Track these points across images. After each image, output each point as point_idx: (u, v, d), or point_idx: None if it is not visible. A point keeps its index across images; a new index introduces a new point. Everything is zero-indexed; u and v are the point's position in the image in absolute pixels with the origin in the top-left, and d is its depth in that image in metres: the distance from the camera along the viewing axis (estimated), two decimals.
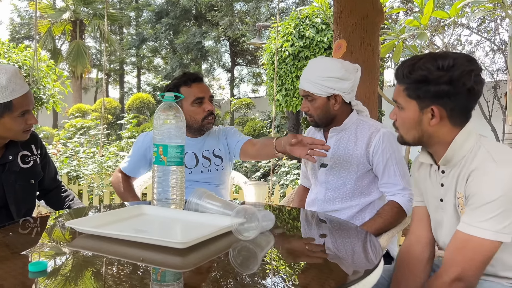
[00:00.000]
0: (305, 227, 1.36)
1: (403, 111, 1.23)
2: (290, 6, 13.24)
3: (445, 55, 1.15)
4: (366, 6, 2.67)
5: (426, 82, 1.16)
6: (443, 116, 1.18)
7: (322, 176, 1.74)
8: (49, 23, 14.03)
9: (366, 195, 1.71)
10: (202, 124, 1.90)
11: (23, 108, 1.49)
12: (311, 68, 1.70)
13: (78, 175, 4.96)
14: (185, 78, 1.90)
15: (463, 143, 1.19)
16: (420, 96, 1.18)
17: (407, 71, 1.19)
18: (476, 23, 7.95)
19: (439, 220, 1.31)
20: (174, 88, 1.89)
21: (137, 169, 2.02)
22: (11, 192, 1.59)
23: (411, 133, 1.24)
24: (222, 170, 1.99)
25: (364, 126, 1.71)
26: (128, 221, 1.18)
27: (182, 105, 1.86)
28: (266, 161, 7.41)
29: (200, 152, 1.95)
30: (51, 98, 6.87)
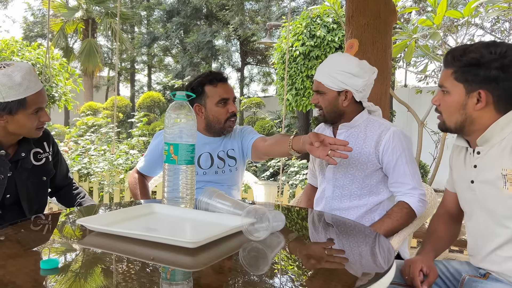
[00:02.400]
0: (314, 229, 1.35)
1: (448, 95, 1.25)
2: (301, 5, 13.19)
3: (498, 43, 1.18)
4: (379, 6, 2.65)
5: (477, 65, 1.18)
6: (489, 102, 1.20)
7: (330, 173, 1.73)
8: (62, 21, 14.18)
9: (375, 194, 1.69)
10: (224, 126, 1.89)
11: (36, 105, 1.50)
12: (328, 61, 1.72)
13: (89, 172, 5.00)
14: (211, 77, 1.87)
15: (505, 125, 1.20)
16: (468, 80, 1.20)
17: (458, 54, 1.21)
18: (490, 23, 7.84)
19: (468, 202, 1.32)
20: (199, 86, 1.86)
21: (154, 169, 2.03)
22: (23, 189, 1.60)
23: (454, 117, 1.26)
24: (236, 171, 1.98)
25: (374, 124, 1.70)
26: (139, 219, 1.19)
27: (205, 103, 1.86)
28: (275, 161, 7.40)
29: (215, 152, 1.93)
30: (63, 96, 6.95)
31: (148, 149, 2.03)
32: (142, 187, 2.02)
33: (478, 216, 1.28)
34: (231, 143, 1.96)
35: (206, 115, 1.87)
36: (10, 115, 1.47)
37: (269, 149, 1.79)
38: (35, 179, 1.64)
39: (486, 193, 1.24)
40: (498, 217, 1.23)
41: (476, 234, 1.31)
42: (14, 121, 1.49)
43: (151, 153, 2.01)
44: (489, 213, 1.25)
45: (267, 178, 6.91)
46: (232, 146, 1.96)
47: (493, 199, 1.22)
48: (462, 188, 1.34)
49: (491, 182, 1.22)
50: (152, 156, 2.00)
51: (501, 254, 1.23)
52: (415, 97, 7.53)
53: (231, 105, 1.88)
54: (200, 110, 1.87)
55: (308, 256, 1.01)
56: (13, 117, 1.47)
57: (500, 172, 1.19)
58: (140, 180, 2.03)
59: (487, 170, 1.23)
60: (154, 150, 1.99)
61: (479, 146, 1.25)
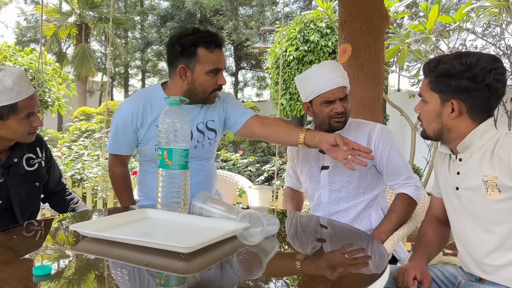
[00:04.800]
0: (308, 233, 1.35)
1: (426, 104, 1.29)
2: (294, 10, 13.27)
3: (469, 53, 1.21)
4: (371, 11, 2.67)
5: (448, 76, 1.22)
6: (462, 111, 1.23)
7: (325, 178, 1.73)
8: (55, 26, 14.14)
9: (369, 191, 1.72)
10: (209, 97, 1.64)
11: (28, 110, 1.49)
12: (336, 66, 1.72)
13: (82, 178, 4.97)
14: (209, 39, 1.57)
15: (483, 133, 1.23)
16: (442, 90, 1.24)
17: (432, 66, 1.26)
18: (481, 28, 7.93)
19: (454, 209, 1.34)
20: (192, 46, 1.56)
21: (133, 147, 1.73)
22: (16, 194, 1.59)
23: (431, 125, 1.29)
24: (214, 144, 1.75)
25: (361, 125, 1.75)
26: (132, 224, 1.18)
27: (194, 68, 1.58)
28: (270, 165, 7.40)
29: (194, 124, 1.68)
30: (56, 101, 6.91)
31: (122, 130, 1.67)
32: (127, 186, 1.78)
33: (465, 222, 1.30)
34: (211, 113, 1.72)
35: (191, 81, 1.60)
36: (1, 120, 1.46)
37: (270, 135, 1.66)
38: (28, 185, 1.63)
39: (471, 199, 1.26)
40: (485, 223, 1.24)
41: (464, 241, 1.32)
42: (5, 126, 1.48)
43: (125, 134, 1.67)
44: (476, 219, 1.26)
45: (261, 182, 6.90)
46: (212, 117, 1.72)
47: (478, 205, 1.24)
48: (448, 195, 1.35)
49: (474, 189, 1.24)
50: (128, 137, 1.67)
51: (491, 262, 1.24)
52: (408, 101, 7.57)
53: (221, 77, 1.62)
54: (184, 72, 1.59)
55: (301, 259, 1.01)
56: (4, 122, 1.47)
57: (481, 179, 1.22)
58: (124, 178, 1.78)
59: (469, 176, 1.25)
60: (129, 128, 1.65)
61: (460, 153, 1.28)
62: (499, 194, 1.18)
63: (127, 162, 1.80)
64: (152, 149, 1.64)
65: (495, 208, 1.20)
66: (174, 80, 1.64)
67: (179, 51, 1.57)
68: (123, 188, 1.79)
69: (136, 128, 1.64)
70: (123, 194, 1.79)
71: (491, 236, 1.23)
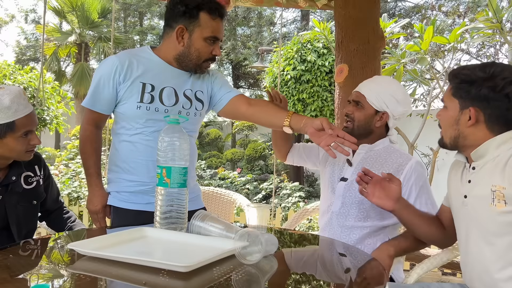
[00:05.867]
0: (307, 252, 1.35)
1: (446, 110, 1.31)
2: (292, 31, 13.46)
3: (494, 63, 1.22)
4: (368, 32, 2.72)
5: (469, 83, 1.23)
6: (480, 120, 1.24)
7: (341, 189, 1.71)
8: (55, 45, 14.27)
9: (380, 219, 1.66)
10: (201, 65, 1.60)
11: (25, 128, 1.50)
12: (378, 80, 1.76)
13: (79, 196, 4.94)
14: (213, 5, 1.54)
15: (501, 143, 1.22)
16: (462, 96, 1.25)
17: (456, 72, 1.27)
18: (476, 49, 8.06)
19: (459, 218, 1.33)
20: (194, 9, 1.52)
21: (111, 104, 1.61)
22: (13, 213, 1.58)
23: (448, 132, 1.30)
24: (200, 117, 1.68)
25: (394, 153, 1.70)
26: (130, 243, 1.18)
27: (192, 31, 1.54)
28: (268, 183, 7.37)
29: (181, 89, 1.61)
30: (55, 119, 6.93)
31: (95, 80, 1.59)
32: (93, 141, 1.65)
33: (469, 232, 1.29)
34: (201, 84, 1.67)
35: (187, 44, 1.55)
36: None
37: (255, 115, 1.60)
38: (25, 203, 1.62)
39: (476, 208, 1.25)
40: (487, 234, 1.24)
41: (468, 251, 1.32)
42: (3, 145, 1.48)
43: (103, 83, 1.57)
44: (479, 229, 1.26)
45: (259, 200, 6.88)
46: (201, 87, 1.67)
47: (482, 215, 1.24)
48: (456, 203, 1.35)
49: (482, 198, 1.23)
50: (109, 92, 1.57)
51: (492, 276, 1.23)
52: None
53: (217, 48, 1.59)
54: (182, 34, 1.55)
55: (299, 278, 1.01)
56: (1, 141, 1.47)
57: (490, 188, 1.21)
58: (90, 138, 1.64)
59: (479, 185, 1.25)
60: (111, 81, 1.55)
61: (474, 161, 1.27)
62: (504, 206, 1.17)
63: (102, 125, 1.68)
64: (134, 106, 1.54)
65: (498, 219, 1.19)
66: (168, 41, 1.60)
67: (181, 11, 1.53)
68: (91, 150, 1.64)
69: (118, 82, 1.54)
70: (89, 157, 1.64)
71: (491, 248, 1.22)
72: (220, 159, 10.72)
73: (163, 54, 1.61)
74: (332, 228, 1.70)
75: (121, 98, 1.57)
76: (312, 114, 6.43)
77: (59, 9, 14.08)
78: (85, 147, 1.65)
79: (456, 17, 8.87)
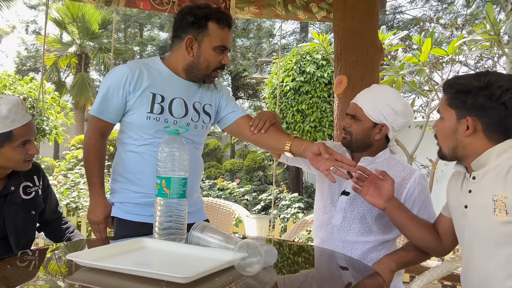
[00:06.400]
0: (307, 264, 1.34)
1: (443, 120, 1.30)
2: (291, 42, 13.56)
3: (489, 72, 1.22)
4: (366, 44, 2.74)
5: (465, 92, 1.23)
6: (477, 129, 1.23)
7: (342, 204, 1.67)
8: (55, 56, 14.34)
9: (383, 233, 1.65)
10: (210, 75, 1.61)
11: (23, 138, 1.50)
12: (376, 91, 1.69)
13: (78, 206, 4.92)
14: (221, 15, 1.57)
15: (501, 152, 1.21)
16: (458, 106, 1.25)
17: (451, 82, 1.27)
18: (474, 61, 8.12)
19: (460, 228, 1.32)
20: (203, 19, 1.55)
21: (119, 113, 1.60)
22: (11, 223, 1.58)
23: (446, 142, 1.29)
24: (206, 130, 1.70)
25: (397, 165, 1.67)
26: (129, 254, 1.17)
27: (202, 41, 1.56)
28: (267, 194, 7.36)
29: (191, 101, 1.63)
30: (54, 129, 6.93)
31: (104, 88, 1.58)
32: (98, 151, 1.63)
33: (470, 242, 1.28)
34: (209, 97, 1.69)
35: (197, 54, 1.58)
36: None
37: (258, 140, 1.64)
38: (24, 213, 1.62)
39: (477, 218, 1.24)
40: (488, 244, 1.22)
41: (467, 260, 1.31)
42: (0, 154, 1.48)
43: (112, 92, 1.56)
44: (481, 240, 1.25)
45: (258, 211, 6.86)
46: (209, 101, 1.68)
47: (483, 225, 1.23)
48: (456, 213, 1.35)
49: (483, 208, 1.22)
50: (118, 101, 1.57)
51: (492, 287, 1.23)
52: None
53: (226, 57, 1.61)
54: (191, 44, 1.57)
55: None
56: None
57: (491, 198, 1.20)
58: (101, 147, 1.64)
59: (480, 195, 1.24)
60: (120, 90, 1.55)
61: (475, 171, 1.27)
62: (505, 216, 1.16)
63: (107, 134, 1.67)
64: (144, 117, 1.54)
65: (499, 230, 1.18)
66: (177, 52, 1.61)
67: (190, 21, 1.55)
68: (95, 158, 1.62)
69: (128, 91, 1.54)
70: (93, 166, 1.62)
71: (492, 259, 1.21)
72: (219, 170, 10.71)
73: (173, 65, 1.62)
74: (334, 242, 1.67)
75: (130, 107, 1.57)
76: (311, 125, 6.45)
77: (60, 20, 14.18)
78: (89, 155, 1.63)
79: (454, 30, 8.95)
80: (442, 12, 11.02)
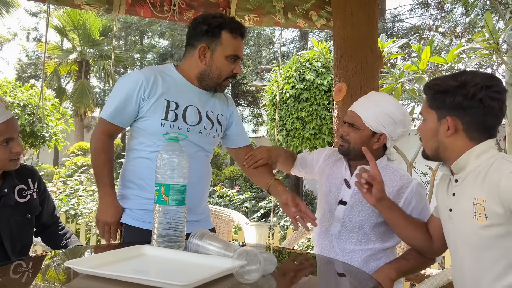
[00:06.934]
0: (306, 272, 1.34)
1: (425, 122, 1.31)
2: (291, 50, 13.61)
3: (465, 72, 1.24)
4: (366, 52, 2.75)
5: (443, 92, 1.24)
6: (458, 128, 1.23)
7: (340, 213, 1.66)
8: (56, 63, 14.39)
9: (381, 242, 1.64)
10: (221, 83, 1.63)
11: (4, 136, 1.47)
12: (375, 99, 1.66)
13: (77, 213, 4.91)
14: (234, 25, 1.59)
15: (481, 154, 1.21)
16: (438, 107, 1.25)
17: (431, 84, 1.28)
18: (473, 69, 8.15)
19: (447, 232, 1.32)
20: (217, 28, 1.56)
21: (130, 118, 1.60)
22: (6, 226, 1.55)
23: (429, 144, 1.30)
24: (217, 139, 1.73)
25: (394, 174, 1.66)
26: (128, 261, 1.16)
27: (214, 50, 1.57)
28: (266, 202, 7.34)
29: (204, 109, 1.64)
30: (54, 136, 6.93)
31: (124, 96, 1.55)
32: (107, 152, 1.61)
33: (457, 246, 1.28)
34: (222, 107, 1.72)
35: (209, 63, 1.59)
36: None
37: (247, 171, 1.78)
38: (18, 217, 1.59)
39: (461, 222, 1.24)
40: (473, 248, 1.22)
41: (455, 264, 1.31)
42: None
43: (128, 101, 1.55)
44: (466, 243, 1.24)
45: (258, 219, 6.84)
46: (222, 111, 1.72)
47: (466, 229, 1.22)
48: (443, 217, 1.35)
49: (465, 212, 1.22)
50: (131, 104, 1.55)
51: None
52: (404, 139, 7.62)
53: (238, 66, 1.62)
54: (204, 53, 1.59)
55: None
56: None
57: (472, 202, 1.19)
58: (104, 148, 1.61)
59: (462, 199, 1.24)
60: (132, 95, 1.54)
61: (456, 173, 1.27)
62: (485, 220, 1.15)
63: (115, 137, 1.67)
64: (158, 123, 1.55)
65: (481, 233, 1.17)
66: (190, 60, 1.63)
67: (204, 30, 1.57)
68: (105, 160, 1.60)
69: (143, 97, 1.54)
70: (103, 168, 1.60)
71: (478, 262, 1.20)
72: (219, 177, 10.69)
73: (186, 73, 1.64)
74: (334, 251, 1.67)
75: (144, 114, 1.56)
76: (311, 132, 6.45)
77: (60, 28, 14.24)
78: (99, 158, 1.61)
79: (453, 38, 9.00)
80: (441, 21, 11.08)
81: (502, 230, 1.14)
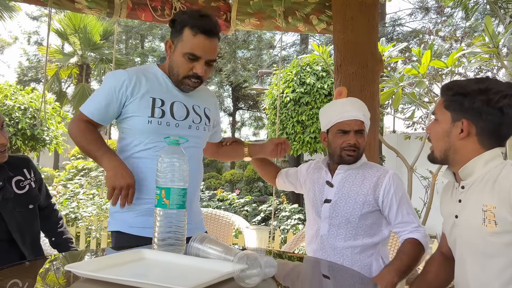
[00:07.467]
0: (311, 279, 1.33)
1: (437, 122, 1.30)
2: (291, 54, 13.64)
3: (488, 78, 1.23)
4: (366, 55, 2.76)
5: (463, 95, 1.23)
6: (471, 132, 1.23)
7: (326, 211, 1.73)
8: (57, 67, 14.42)
9: (369, 236, 1.69)
10: (181, 81, 1.59)
11: None
12: (358, 104, 1.78)
13: (77, 217, 4.90)
14: (197, 22, 1.52)
15: (489, 161, 1.21)
16: (455, 109, 1.25)
17: (450, 85, 1.28)
18: (473, 73, 8.15)
19: (452, 239, 1.31)
20: (180, 24, 1.55)
21: (108, 114, 1.58)
22: (12, 219, 1.54)
23: (439, 144, 1.29)
24: (208, 132, 1.73)
25: (372, 168, 1.76)
26: (128, 265, 1.16)
27: (176, 46, 1.56)
28: (267, 205, 7.33)
29: (190, 104, 1.64)
30: (54, 139, 6.94)
31: (106, 91, 1.56)
32: (93, 131, 1.57)
33: (463, 253, 1.27)
34: (207, 101, 1.73)
35: (172, 59, 1.59)
36: None
37: (222, 155, 1.96)
38: (22, 208, 1.59)
39: (468, 229, 1.23)
40: (480, 255, 1.21)
41: (459, 272, 1.30)
42: None
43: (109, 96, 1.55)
44: (472, 251, 1.23)
45: (258, 222, 6.83)
46: (208, 105, 1.72)
47: (474, 236, 1.21)
48: (448, 224, 1.34)
49: (473, 218, 1.21)
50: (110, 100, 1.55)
51: None
52: (404, 143, 7.65)
53: (198, 66, 1.54)
54: (169, 48, 1.60)
55: None
56: None
57: (481, 208, 1.19)
58: (89, 128, 1.57)
59: (470, 205, 1.23)
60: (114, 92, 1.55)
61: (463, 179, 1.26)
62: (495, 227, 1.15)
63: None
64: (145, 121, 1.54)
65: (490, 240, 1.17)
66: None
67: (171, 26, 1.59)
68: (95, 136, 1.55)
69: (126, 96, 1.54)
70: (96, 142, 1.54)
71: (485, 270, 1.20)
72: (219, 180, 10.69)
73: (162, 67, 1.67)
74: (325, 251, 1.71)
75: (130, 113, 1.57)
76: (311, 136, 6.45)
77: (61, 31, 14.28)
78: (86, 137, 1.54)
79: (453, 42, 9.01)
80: (441, 25, 11.11)
81: (511, 237, 1.14)
